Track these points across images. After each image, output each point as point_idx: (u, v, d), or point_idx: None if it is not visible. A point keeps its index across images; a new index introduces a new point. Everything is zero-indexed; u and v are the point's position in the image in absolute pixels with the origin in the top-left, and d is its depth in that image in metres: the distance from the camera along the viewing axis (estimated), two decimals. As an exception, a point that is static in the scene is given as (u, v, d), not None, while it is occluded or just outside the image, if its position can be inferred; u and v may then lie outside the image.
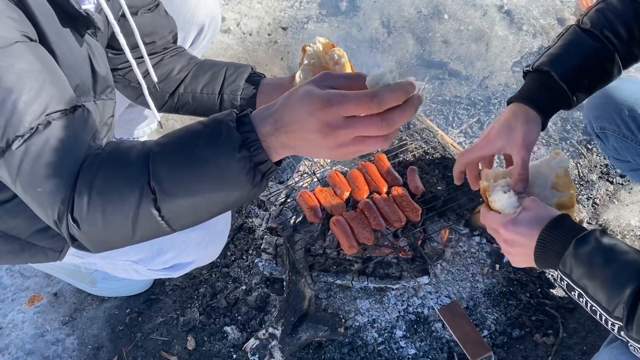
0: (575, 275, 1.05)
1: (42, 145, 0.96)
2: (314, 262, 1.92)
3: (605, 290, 1.01)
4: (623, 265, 1.00)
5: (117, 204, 0.94)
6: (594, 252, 1.04)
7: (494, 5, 2.98)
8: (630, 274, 0.98)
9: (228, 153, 0.89)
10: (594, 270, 1.02)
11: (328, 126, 0.84)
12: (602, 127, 1.66)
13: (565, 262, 1.07)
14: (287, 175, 2.32)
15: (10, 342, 1.95)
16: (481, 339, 1.61)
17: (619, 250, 1.03)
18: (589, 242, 1.05)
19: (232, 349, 1.87)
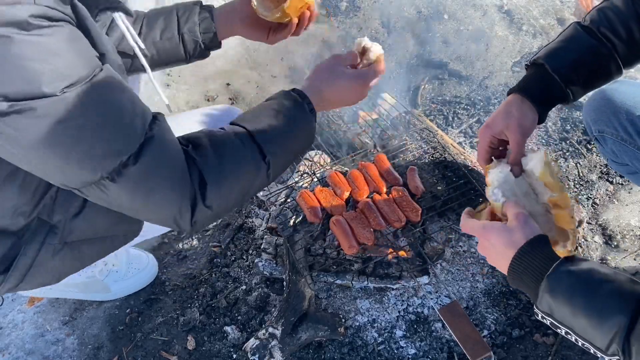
0: (557, 315, 1.02)
1: (154, 155, 1.11)
2: (314, 262, 1.92)
3: (593, 329, 0.96)
4: (605, 299, 0.96)
5: (244, 182, 1.24)
6: (572, 287, 0.99)
7: (494, 5, 2.98)
8: (616, 309, 0.94)
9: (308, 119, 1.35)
10: (576, 309, 0.98)
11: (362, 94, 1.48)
12: (600, 130, 1.65)
13: (542, 301, 1.03)
14: (287, 175, 2.32)
15: (11, 342, 1.95)
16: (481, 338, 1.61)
17: (597, 280, 0.98)
18: (563, 276, 1.01)
19: (232, 349, 1.87)
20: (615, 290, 0.96)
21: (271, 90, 2.69)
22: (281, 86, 2.71)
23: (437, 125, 2.46)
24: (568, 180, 2.28)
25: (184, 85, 2.74)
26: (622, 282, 0.97)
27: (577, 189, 2.25)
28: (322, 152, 2.23)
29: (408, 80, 2.72)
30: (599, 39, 1.33)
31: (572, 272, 1.00)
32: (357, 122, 2.54)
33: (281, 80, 2.73)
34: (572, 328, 1.00)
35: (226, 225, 2.23)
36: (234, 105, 2.66)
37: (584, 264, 1.02)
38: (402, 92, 2.67)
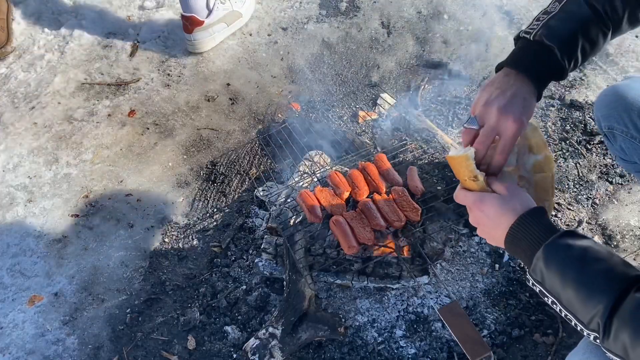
0: (547, 283, 1.05)
1: None
2: (314, 262, 1.92)
3: (579, 302, 0.99)
4: (596, 276, 0.98)
5: None
6: (566, 260, 1.02)
7: (494, 5, 2.98)
8: (605, 286, 0.96)
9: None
10: (566, 281, 1.01)
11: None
12: (610, 126, 1.64)
13: (535, 267, 1.06)
14: (287, 175, 2.32)
15: (11, 342, 1.95)
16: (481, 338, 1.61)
17: (591, 257, 1.00)
18: (559, 248, 1.03)
19: (233, 349, 1.87)
20: (607, 270, 0.98)
21: (271, 91, 2.70)
22: (281, 86, 2.71)
23: (437, 125, 2.46)
24: (568, 180, 2.28)
25: (184, 86, 2.74)
26: (615, 263, 0.99)
27: (577, 189, 2.25)
28: (322, 152, 2.23)
29: (408, 80, 2.72)
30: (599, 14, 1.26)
31: (569, 245, 1.03)
32: (357, 122, 2.54)
33: (281, 80, 2.74)
34: (559, 298, 1.04)
35: (226, 225, 2.24)
36: (233, 105, 2.66)
37: (582, 240, 1.03)
38: (402, 92, 2.67)
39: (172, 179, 2.40)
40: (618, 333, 0.93)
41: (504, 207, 1.13)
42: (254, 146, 2.49)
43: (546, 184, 1.26)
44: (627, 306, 0.92)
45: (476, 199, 1.19)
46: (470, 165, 1.20)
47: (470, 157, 1.20)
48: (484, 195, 1.18)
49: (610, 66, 2.70)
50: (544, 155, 1.25)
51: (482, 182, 1.21)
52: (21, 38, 2.95)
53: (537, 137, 1.26)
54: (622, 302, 0.93)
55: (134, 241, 2.21)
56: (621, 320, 0.93)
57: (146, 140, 2.54)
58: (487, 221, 1.17)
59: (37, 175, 2.42)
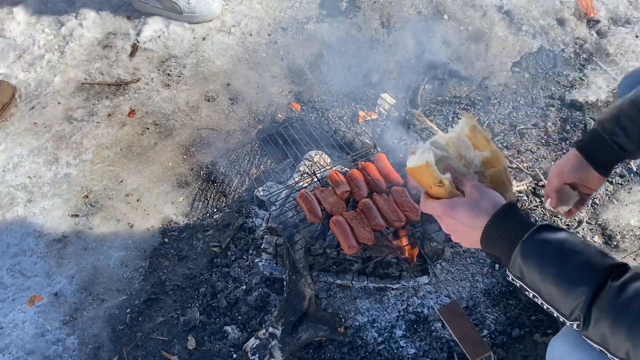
0: (527, 279, 1.06)
1: None
2: (314, 262, 1.92)
3: (559, 296, 1.01)
4: (574, 269, 1.00)
5: None
6: (544, 256, 1.03)
7: (494, 6, 2.98)
8: (583, 279, 0.98)
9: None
10: (545, 276, 1.02)
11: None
12: None
13: (514, 265, 1.06)
14: (287, 175, 2.32)
15: (11, 342, 1.95)
16: (481, 338, 1.62)
17: (568, 250, 1.02)
18: (536, 244, 1.04)
19: (233, 349, 1.87)
20: (585, 262, 1.00)
21: (271, 91, 2.70)
22: (281, 86, 2.71)
23: (437, 125, 2.46)
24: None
25: (184, 86, 2.74)
26: (592, 254, 1.01)
27: (577, 189, 2.25)
28: (322, 152, 2.23)
29: (408, 80, 2.72)
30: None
31: (546, 240, 1.04)
32: (357, 122, 2.54)
33: (281, 80, 2.74)
34: (539, 293, 1.05)
35: (226, 225, 2.24)
36: (233, 105, 2.66)
37: (558, 233, 1.05)
38: (402, 92, 2.67)
39: (172, 179, 2.40)
40: (597, 322, 0.96)
41: (475, 209, 1.13)
42: (254, 146, 2.49)
43: (500, 178, 1.24)
44: (605, 296, 0.95)
45: (445, 208, 1.17)
46: (434, 172, 1.16)
47: (431, 163, 1.16)
48: (452, 202, 1.16)
49: (610, 66, 2.70)
50: (489, 151, 1.23)
51: (449, 186, 1.17)
52: (21, 38, 2.95)
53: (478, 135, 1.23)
54: (600, 293, 0.95)
55: (134, 241, 2.21)
56: (600, 310, 0.95)
57: (146, 140, 2.54)
58: (461, 227, 1.16)
59: (37, 175, 2.42)
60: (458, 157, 1.25)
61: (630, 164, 2.32)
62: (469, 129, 1.22)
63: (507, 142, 2.44)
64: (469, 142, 1.23)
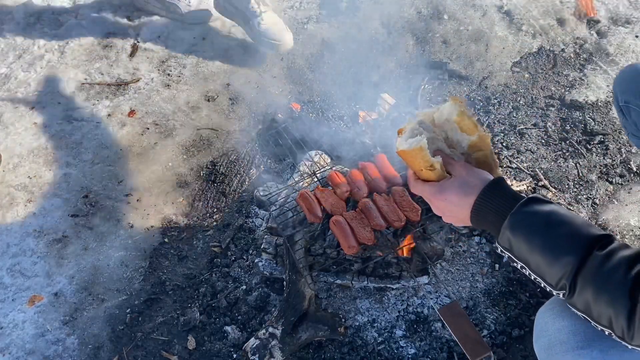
0: (515, 250, 1.07)
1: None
2: (314, 262, 1.92)
3: (546, 266, 1.02)
4: (560, 240, 1.01)
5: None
6: (531, 227, 1.04)
7: (494, 6, 2.98)
8: (570, 248, 1.00)
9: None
10: (532, 247, 1.04)
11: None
12: (627, 100, 1.68)
13: (503, 236, 1.08)
14: (287, 175, 2.32)
15: (11, 342, 1.95)
16: (481, 338, 1.62)
17: (556, 221, 1.03)
18: (525, 216, 1.06)
19: (233, 349, 1.87)
20: (571, 233, 1.02)
21: (271, 91, 2.70)
22: (281, 86, 2.71)
23: (437, 125, 2.46)
24: (568, 180, 2.28)
25: (184, 86, 2.74)
26: (578, 225, 1.03)
27: (577, 189, 2.25)
28: (322, 152, 2.23)
29: (408, 80, 2.72)
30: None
31: (534, 212, 1.05)
32: (357, 122, 2.54)
33: (281, 80, 2.74)
34: (527, 263, 1.07)
35: (226, 225, 2.24)
36: (233, 105, 2.66)
37: (546, 205, 1.06)
38: (402, 92, 2.67)
39: (172, 179, 2.40)
40: (582, 290, 0.98)
41: (464, 187, 1.14)
42: (254, 146, 2.49)
43: (487, 160, 1.25)
44: (589, 265, 0.97)
45: (434, 190, 1.18)
46: (426, 155, 1.16)
47: (424, 147, 1.16)
48: (441, 185, 1.17)
49: (610, 66, 2.70)
50: (477, 136, 1.22)
51: (439, 169, 1.18)
52: (21, 38, 2.95)
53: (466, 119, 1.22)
54: (585, 262, 0.97)
55: (134, 241, 2.21)
56: (584, 279, 0.97)
57: (146, 140, 2.54)
58: (451, 207, 1.17)
59: (37, 175, 2.42)
60: (444, 139, 1.25)
61: (630, 163, 2.32)
62: (458, 114, 1.21)
63: (507, 142, 2.44)
64: (456, 124, 1.22)
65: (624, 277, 0.93)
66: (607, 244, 0.98)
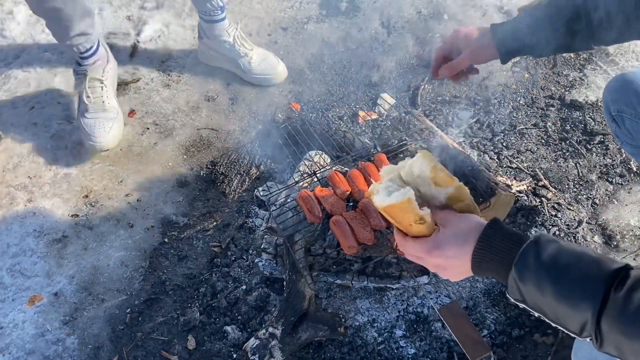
0: (529, 301, 1.02)
1: None
2: (314, 262, 1.92)
3: (563, 315, 0.97)
4: (573, 285, 0.95)
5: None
6: (539, 274, 0.97)
7: (494, 6, 2.98)
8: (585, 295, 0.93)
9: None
10: (545, 296, 0.97)
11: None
12: (619, 109, 1.67)
13: (512, 288, 1.02)
14: (287, 175, 2.32)
15: (11, 342, 1.95)
16: (481, 338, 1.61)
17: (563, 264, 0.97)
18: (529, 264, 0.99)
19: (233, 349, 1.88)
20: (582, 275, 0.94)
21: (271, 90, 2.70)
22: (281, 86, 2.71)
23: (437, 125, 2.46)
24: (568, 180, 2.28)
25: (184, 85, 2.74)
26: (588, 263, 0.96)
27: (577, 189, 2.25)
28: (322, 152, 2.23)
29: (408, 80, 2.72)
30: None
31: (538, 258, 0.98)
32: (357, 122, 2.54)
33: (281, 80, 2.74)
34: (544, 313, 1.01)
35: (226, 225, 2.24)
36: (233, 105, 2.66)
37: (550, 246, 0.99)
38: (402, 92, 2.67)
39: (172, 179, 2.40)
40: (609, 337, 0.91)
41: (459, 238, 1.08)
42: (254, 146, 2.49)
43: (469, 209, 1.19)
44: (610, 310, 0.90)
45: (429, 246, 1.11)
46: (415, 208, 1.08)
47: (413, 198, 1.07)
48: (435, 239, 1.11)
49: (610, 66, 2.70)
50: (454, 187, 1.16)
51: (430, 221, 1.11)
52: (21, 38, 2.95)
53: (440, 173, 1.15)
54: (606, 304, 0.91)
55: (134, 241, 2.21)
56: (609, 326, 0.91)
57: (146, 140, 2.54)
58: (450, 261, 1.11)
59: (37, 175, 2.42)
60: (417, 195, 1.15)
61: (630, 163, 2.32)
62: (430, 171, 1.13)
63: (507, 142, 2.44)
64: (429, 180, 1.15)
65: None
66: (623, 280, 0.91)
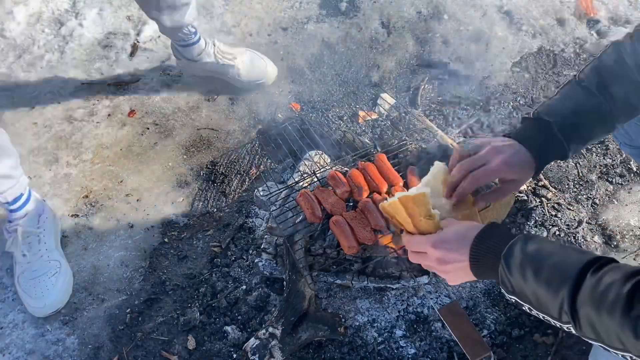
0: (517, 291, 1.07)
1: None
2: (314, 262, 1.92)
3: (544, 299, 1.01)
4: (552, 270, 1.01)
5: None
6: (523, 263, 1.04)
7: (494, 6, 2.98)
8: (562, 277, 0.98)
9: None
10: (528, 283, 1.03)
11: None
12: None
13: (503, 280, 1.08)
14: (287, 175, 2.32)
15: (11, 342, 1.95)
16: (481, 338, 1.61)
17: (545, 253, 1.03)
18: (515, 254, 1.06)
19: (233, 349, 1.87)
20: (560, 262, 1.01)
21: (271, 91, 2.70)
22: (281, 86, 2.71)
23: (437, 125, 2.46)
24: (568, 180, 2.28)
25: (184, 85, 2.74)
26: (568, 253, 1.03)
27: (577, 189, 2.25)
28: (322, 152, 2.23)
29: (408, 80, 2.72)
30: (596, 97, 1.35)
31: (523, 249, 1.06)
32: (357, 122, 2.54)
33: (281, 80, 2.74)
34: (530, 302, 1.06)
35: (226, 225, 2.24)
36: (233, 105, 2.66)
37: (535, 240, 1.06)
38: (402, 92, 2.67)
39: (172, 179, 2.40)
40: (584, 318, 0.96)
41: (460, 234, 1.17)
42: (254, 146, 2.49)
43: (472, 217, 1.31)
44: (585, 289, 0.95)
45: (434, 238, 1.21)
46: (429, 203, 1.21)
47: (428, 193, 1.21)
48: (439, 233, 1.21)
49: (610, 66, 2.70)
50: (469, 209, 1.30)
51: (437, 220, 1.22)
52: (21, 38, 2.95)
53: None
54: (580, 289, 0.96)
55: (134, 241, 2.21)
56: (583, 304, 0.95)
57: (146, 140, 2.54)
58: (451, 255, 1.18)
59: (37, 175, 2.42)
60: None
61: (630, 163, 2.32)
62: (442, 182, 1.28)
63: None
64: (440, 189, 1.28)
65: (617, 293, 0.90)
66: (600, 267, 0.96)
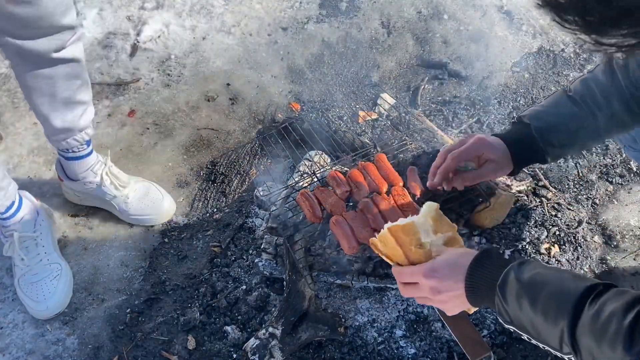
0: (515, 322, 1.05)
1: None
2: (314, 262, 1.92)
3: (544, 331, 1.00)
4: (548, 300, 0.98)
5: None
6: (519, 294, 1.02)
7: (494, 6, 2.98)
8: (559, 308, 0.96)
9: None
10: (525, 313, 1.01)
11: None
12: None
13: (500, 310, 1.06)
14: (287, 175, 2.32)
15: (11, 342, 1.95)
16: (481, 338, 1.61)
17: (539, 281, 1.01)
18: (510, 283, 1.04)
19: (233, 349, 1.87)
20: (555, 291, 0.98)
21: (271, 91, 2.70)
22: (281, 86, 2.71)
23: (437, 125, 2.46)
24: (568, 180, 2.28)
25: (184, 86, 2.74)
26: (563, 280, 1.00)
27: (577, 189, 2.25)
28: (322, 152, 2.24)
29: (408, 80, 2.72)
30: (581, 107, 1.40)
31: (518, 277, 1.03)
32: (357, 122, 2.54)
33: (281, 80, 2.74)
34: (529, 333, 1.04)
35: (226, 225, 2.24)
36: (233, 105, 2.66)
37: (529, 267, 1.04)
38: (402, 92, 2.67)
39: (172, 179, 2.40)
40: (585, 348, 0.93)
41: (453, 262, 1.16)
42: (254, 146, 2.49)
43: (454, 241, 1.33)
44: (584, 320, 0.93)
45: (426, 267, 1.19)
46: (418, 232, 1.21)
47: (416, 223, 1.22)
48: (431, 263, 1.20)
49: (610, 66, 2.70)
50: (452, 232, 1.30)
51: (428, 250, 1.21)
52: (21, 38, 2.94)
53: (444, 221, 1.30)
54: (579, 318, 0.93)
55: (134, 241, 2.21)
56: (583, 335, 0.93)
57: (146, 140, 2.54)
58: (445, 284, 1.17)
59: (37, 175, 2.42)
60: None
61: (630, 163, 2.32)
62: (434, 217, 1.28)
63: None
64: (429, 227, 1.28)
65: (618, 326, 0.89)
66: (598, 295, 0.94)
